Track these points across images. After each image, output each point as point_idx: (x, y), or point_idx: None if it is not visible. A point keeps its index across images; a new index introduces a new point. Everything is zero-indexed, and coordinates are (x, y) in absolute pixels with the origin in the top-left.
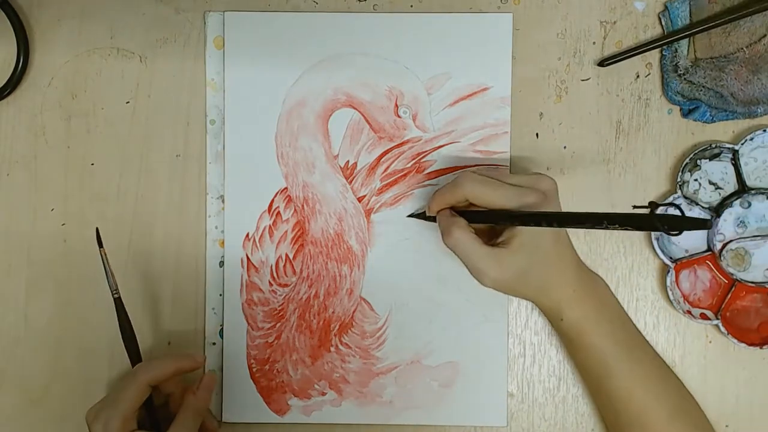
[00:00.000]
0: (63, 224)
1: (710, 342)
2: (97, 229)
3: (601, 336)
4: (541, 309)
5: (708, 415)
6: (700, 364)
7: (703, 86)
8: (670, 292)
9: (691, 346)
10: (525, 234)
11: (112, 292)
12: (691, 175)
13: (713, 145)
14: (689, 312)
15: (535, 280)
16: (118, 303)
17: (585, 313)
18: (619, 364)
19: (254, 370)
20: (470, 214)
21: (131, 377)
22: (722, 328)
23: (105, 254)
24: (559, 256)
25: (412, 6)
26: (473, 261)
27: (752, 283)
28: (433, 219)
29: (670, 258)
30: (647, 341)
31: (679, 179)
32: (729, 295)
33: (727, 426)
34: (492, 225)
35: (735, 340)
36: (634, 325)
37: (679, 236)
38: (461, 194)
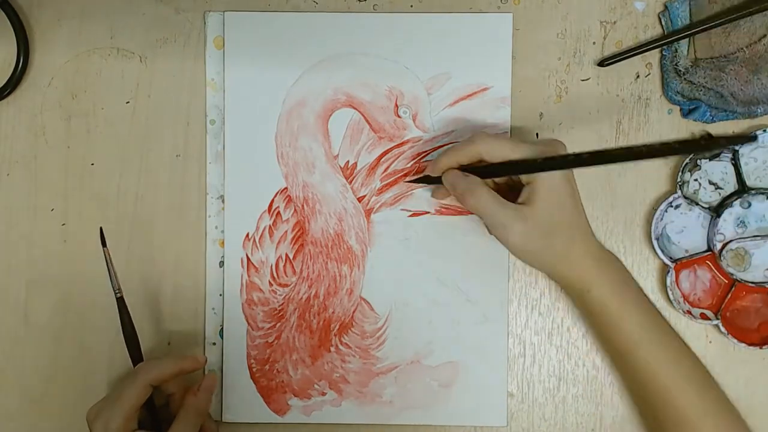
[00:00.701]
0: (63, 224)
1: (710, 342)
2: (101, 229)
3: (628, 311)
4: (563, 282)
5: None
6: None
7: (703, 86)
8: (670, 292)
9: (691, 346)
10: (546, 193)
11: (114, 291)
12: (691, 175)
13: None
14: (689, 312)
15: (560, 245)
16: (121, 303)
17: (612, 287)
18: (645, 339)
19: (254, 370)
20: (484, 169)
21: (133, 377)
22: (722, 328)
23: (108, 254)
24: (579, 226)
25: (412, 6)
26: (498, 218)
27: (752, 283)
28: (436, 180)
29: (670, 258)
30: (664, 317)
31: (679, 179)
32: (729, 295)
33: None
34: (506, 190)
35: (735, 340)
36: (651, 300)
37: (680, 236)
38: (475, 151)
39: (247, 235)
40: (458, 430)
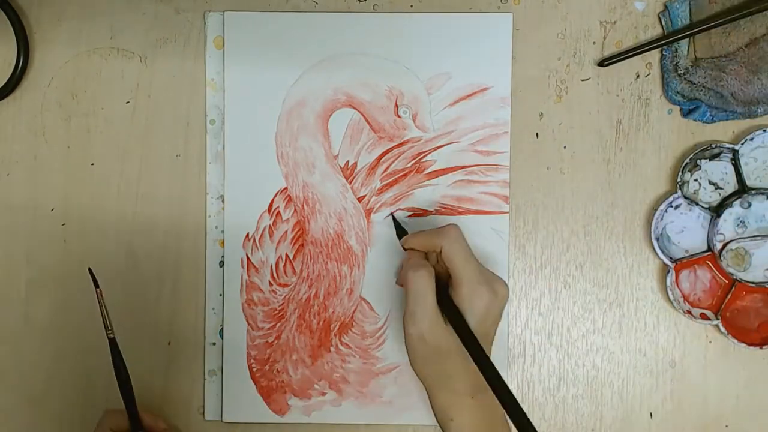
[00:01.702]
0: (63, 224)
1: (710, 342)
2: (90, 270)
3: None
4: (433, 402)
5: (708, 415)
6: (700, 364)
7: (703, 86)
8: (670, 292)
9: (691, 346)
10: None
11: (107, 332)
12: (691, 175)
13: (713, 145)
14: (689, 312)
15: (445, 369)
16: (113, 345)
17: (474, 422)
18: None
19: (254, 370)
20: (441, 292)
21: (99, 423)
22: (722, 328)
23: (101, 295)
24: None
25: (412, 6)
26: (418, 307)
27: (752, 283)
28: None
29: (670, 258)
30: None
31: (679, 179)
32: (729, 295)
33: (727, 426)
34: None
35: (735, 340)
36: None
37: (680, 236)
38: (440, 243)
39: (247, 235)
40: None
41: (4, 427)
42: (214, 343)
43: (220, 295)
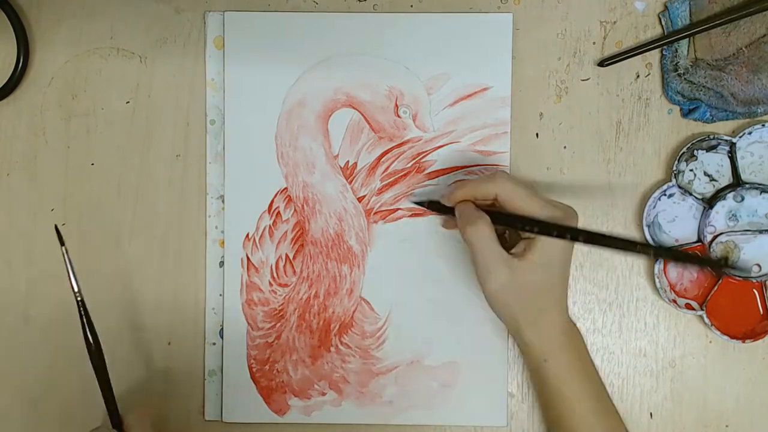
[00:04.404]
0: (63, 224)
1: (710, 342)
2: (56, 227)
3: (581, 388)
4: (524, 348)
5: (708, 415)
6: (700, 364)
7: (704, 86)
8: (657, 280)
9: (691, 346)
10: (541, 253)
11: (74, 294)
12: (686, 164)
13: (711, 137)
14: (674, 301)
15: (533, 305)
16: (81, 306)
17: (570, 360)
18: (591, 418)
19: (254, 370)
20: (494, 214)
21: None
22: (706, 320)
23: (67, 253)
24: (557, 298)
25: (412, 6)
26: (487, 261)
27: (739, 276)
28: (444, 210)
29: (660, 246)
30: (611, 398)
31: (674, 168)
32: (715, 288)
33: (727, 426)
34: (503, 237)
35: (718, 333)
36: (600, 378)
37: (671, 225)
38: (493, 190)
39: (247, 235)
40: (458, 430)
41: (4, 427)
42: (214, 343)
43: (220, 295)
